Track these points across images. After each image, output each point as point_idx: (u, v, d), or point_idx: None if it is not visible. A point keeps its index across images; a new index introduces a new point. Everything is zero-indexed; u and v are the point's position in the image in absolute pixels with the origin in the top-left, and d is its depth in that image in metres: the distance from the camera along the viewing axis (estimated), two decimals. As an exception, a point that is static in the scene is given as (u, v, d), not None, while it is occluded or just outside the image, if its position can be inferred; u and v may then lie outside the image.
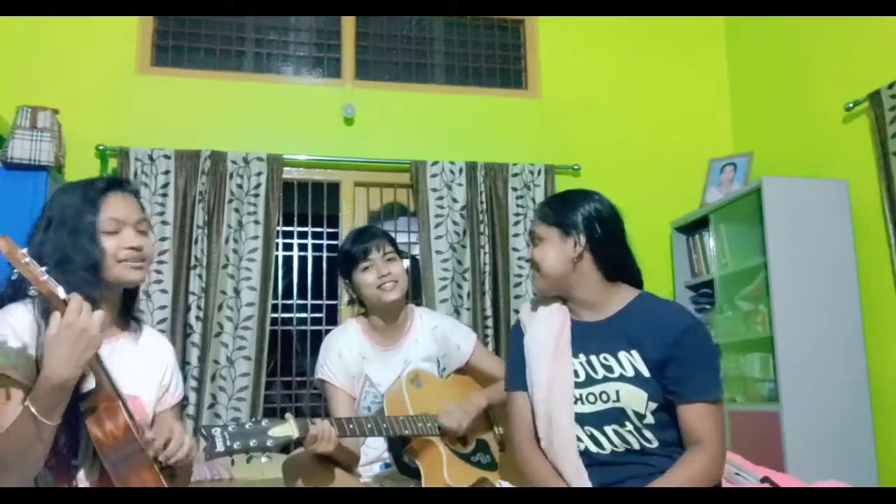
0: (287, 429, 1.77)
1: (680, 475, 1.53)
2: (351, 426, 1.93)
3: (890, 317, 3.12)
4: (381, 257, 2.20)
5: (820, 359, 3.12)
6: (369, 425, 1.97)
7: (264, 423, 1.74)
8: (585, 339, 1.70)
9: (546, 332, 1.74)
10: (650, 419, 1.60)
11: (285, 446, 1.82)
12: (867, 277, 3.21)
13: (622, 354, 1.64)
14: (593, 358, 1.66)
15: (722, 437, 1.59)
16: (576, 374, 1.67)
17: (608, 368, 1.64)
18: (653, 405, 1.60)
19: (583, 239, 1.69)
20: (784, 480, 1.63)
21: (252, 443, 1.70)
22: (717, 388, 1.61)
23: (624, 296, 1.72)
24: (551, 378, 1.67)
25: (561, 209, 1.75)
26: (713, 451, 1.56)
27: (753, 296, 3.40)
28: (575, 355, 1.68)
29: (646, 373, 1.61)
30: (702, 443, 1.56)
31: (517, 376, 1.78)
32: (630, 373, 1.62)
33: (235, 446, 1.68)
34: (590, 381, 1.65)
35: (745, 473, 1.68)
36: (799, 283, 3.18)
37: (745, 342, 3.42)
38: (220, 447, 1.66)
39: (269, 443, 1.72)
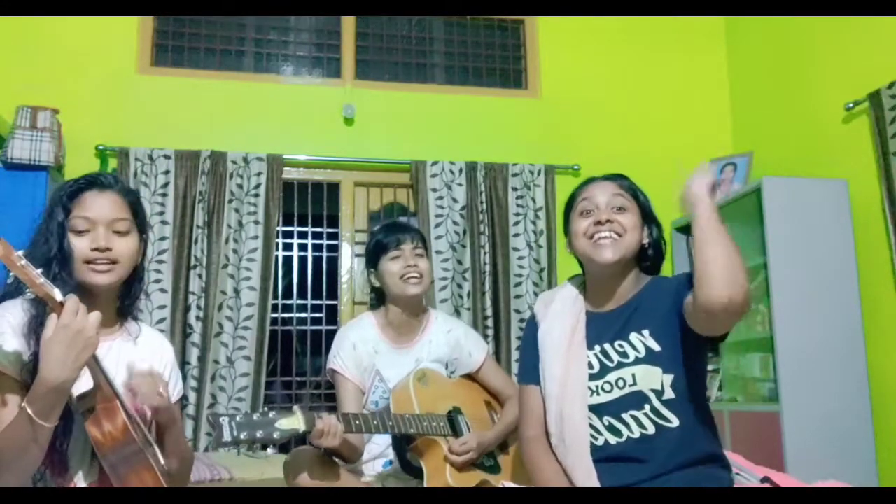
0: (294, 422, 1.76)
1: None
2: (357, 422, 1.93)
3: (890, 317, 3.12)
4: (412, 250, 2.24)
5: (820, 359, 3.11)
6: (375, 422, 1.97)
7: (272, 414, 1.74)
8: (601, 328, 1.68)
9: (561, 326, 1.72)
10: (670, 394, 1.57)
11: (287, 442, 1.82)
12: (867, 277, 3.21)
13: (634, 336, 1.62)
14: (608, 347, 1.65)
15: None
16: (590, 365, 1.65)
17: (623, 354, 1.62)
18: (669, 378, 1.57)
19: (648, 232, 1.71)
20: (784, 480, 1.62)
21: (259, 434, 1.70)
22: None
23: (638, 282, 1.72)
24: (565, 373, 1.65)
25: (644, 195, 1.74)
26: None
27: (753, 296, 3.40)
28: (590, 347, 1.67)
29: (656, 347, 1.59)
30: None
31: (530, 370, 1.76)
32: (642, 353, 1.60)
33: (242, 436, 1.67)
34: (605, 370, 1.63)
35: (745, 473, 1.68)
36: (799, 283, 3.17)
37: (745, 342, 3.42)
38: (227, 437, 1.66)
39: (275, 435, 1.72)
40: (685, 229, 3.94)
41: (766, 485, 1.61)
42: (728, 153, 4.10)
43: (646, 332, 1.62)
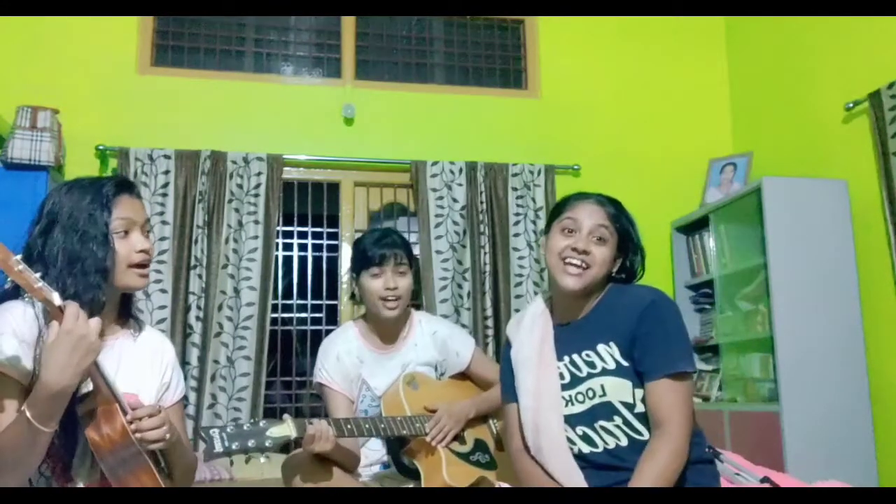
0: (285, 429, 1.78)
1: (648, 473, 1.50)
2: (349, 426, 1.93)
3: (890, 317, 3.11)
4: (394, 268, 2.18)
5: (820, 359, 3.11)
6: (367, 426, 1.98)
7: (262, 423, 1.76)
8: (568, 340, 1.71)
9: (529, 342, 1.75)
10: (641, 408, 1.59)
11: (284, 446, 1.82)
12: (867, 277, 3.20)
13: (601, 348, 1.64)
14: (576, 357, 1.67)
15: (685, 416, 1.55)
16: (561, 376, 1.67)
17: (591, 364, 1.65)
18: (640, 392, 1.60)
19: (619, 263, 1.72)
20: (784, 480, 1.63)
21: (250, 443, 1.71)
22: (680, 361, 1.57)
23: (600, 293, 1.73)
24: (538, 384, 1.69)
25: (631, 223, 1.74)
26: (676, 437, 1.52)
27: (753, 296, 3.40)
28: (559, 358, 1.70)
29: (624, 362, 1.61)
30: (663, 425, 1.53)
31: (508, 388, 1.80)
32: (611, 365, 1.62)
33: (234, 447, 1.69)
34: (575, 380, 1.66)
35: (745, 473, 1.68)
36: (799, 283, 3.17)
37: (745, 342, 3.42)
38: (218, 448, 1.67)
39: (267, 443, 1.73)
40: (685, 229, 3.94)
41: (766, 485, 1.61)
42: (728, 153, 4.10)
43: (612, 345, 1.63)
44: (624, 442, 1.60)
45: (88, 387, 1.38)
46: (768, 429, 3.10)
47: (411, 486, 2.09)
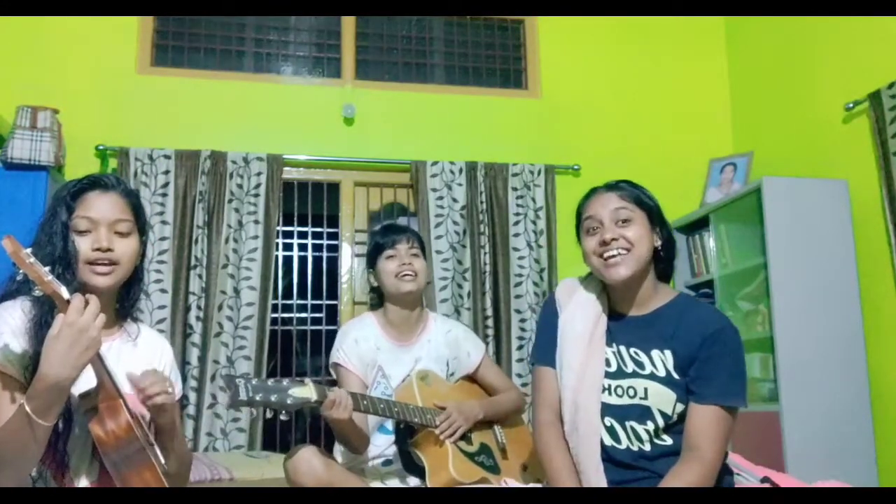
0: (306, 391, 1.81)
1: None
2: (365, 402, 1.97)
3: (890, 317, 3.11)
4: (407, 249, 2.29)
5: (820, 359, 3.11)
6: (381, 406, 2.01)
7: (285, 382, 1.79)
8: (621, 330, 1.68)
9: (583, 318, 1.71)
10: (675, 420, 1.60)
11: (299, 410, 1.84)
12: (867, 277, 3.21)
13: (655, 353, 1.63)
14: (624, 350, 1.65)
15: (721, 448, 1.55)
16: (607, 363, 1.65)
17: (638, 364, 1.63)
18: (680, 406, 1.60)
19: (658, 234, 1.70)
20: (784, 480, 1.63)
21: (273, 398, 1.74)
22: (734, 396, 1.58)
23: (664, 295, 1.71)
24: (583, 366, 1.66)
25: (649, 197, 1.73)
26: (707, 464, 1.52)
27: (753, 296, 3.40)
28: (608, 344, 1.67)
29: (676, 376, 1.60)
30: (697, 450, 1.53)
31: (546, 350, 1.75)
32: (661, 372, 1.61)
33: (258, 398, 1.72)
34: (620, 373, 1.64)
35: (745, 473, 1.68)
36: (799, 283, 3.17)
37: (746, 342, 3.37)
38: (242, 395, 1.70)
39: (288, 401, 1.76)
40: (685, 229, 3.94)
41: (766, 485, 1.61)
42: (728, 153, 4.10)
43: (668, 354, 1.62)
44: (647, 447, 1.59)
45: (92, 383, 1.38)
46: (768, 429, 3.10)
47: (415, 482, 2.10)
